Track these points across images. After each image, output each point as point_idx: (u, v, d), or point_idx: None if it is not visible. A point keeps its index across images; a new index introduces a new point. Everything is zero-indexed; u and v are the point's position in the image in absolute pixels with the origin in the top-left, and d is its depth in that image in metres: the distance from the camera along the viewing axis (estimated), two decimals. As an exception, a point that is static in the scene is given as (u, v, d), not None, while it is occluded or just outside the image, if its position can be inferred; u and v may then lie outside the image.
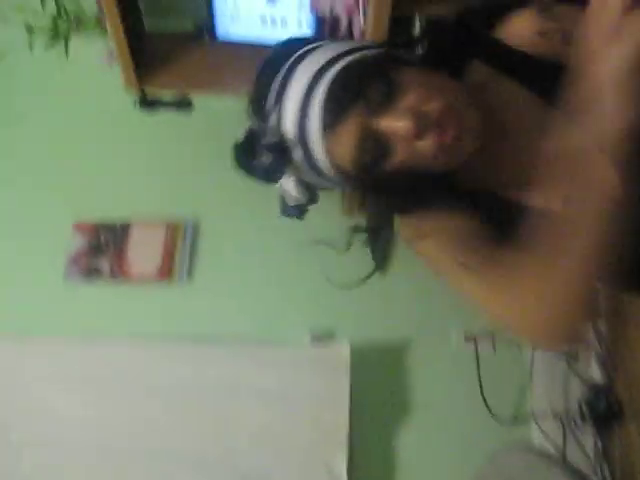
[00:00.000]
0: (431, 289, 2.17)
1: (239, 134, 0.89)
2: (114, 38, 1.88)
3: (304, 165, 0.87)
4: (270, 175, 0.87)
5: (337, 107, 0.82)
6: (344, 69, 0.82)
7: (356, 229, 1.44)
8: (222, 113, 2.38)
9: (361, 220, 2.10)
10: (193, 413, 2.16)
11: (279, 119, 0.85)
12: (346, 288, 2.26)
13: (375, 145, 0.83)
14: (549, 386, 2.31)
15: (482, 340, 2.31)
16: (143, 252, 2.40)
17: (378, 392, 2.23)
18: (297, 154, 0.85)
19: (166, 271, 2.37)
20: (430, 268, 0.96)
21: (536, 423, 2.25)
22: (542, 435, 2.23)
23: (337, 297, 2.30)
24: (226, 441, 2.13)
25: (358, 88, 0.82)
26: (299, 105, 0.83)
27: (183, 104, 2.03)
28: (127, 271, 2.36)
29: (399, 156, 0.83)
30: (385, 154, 0.83)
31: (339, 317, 2.32)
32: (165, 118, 2.09)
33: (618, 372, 2.18)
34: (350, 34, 1.75)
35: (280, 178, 0.88)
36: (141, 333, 2.26)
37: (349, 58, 0.84)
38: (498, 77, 0.95)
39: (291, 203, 0.92)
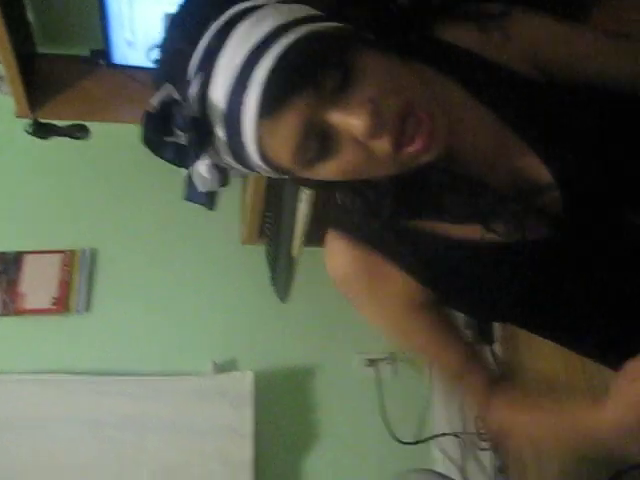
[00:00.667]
0: (332, 315, 2.20)
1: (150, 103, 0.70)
2: (3, 63, 1.83)
3: (226, 149, 0.72)
4: (183, 156, 0.70)
5: (280, 90, 0.66)
6: (295, 43, 0.66)
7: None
8: (120, 138, 2.36)
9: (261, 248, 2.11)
10: (93, 449, 2.09)
11: (204, 89, 0.68)
12: (247, 317, 2.30)
13: (319, 142, 0.68)
14: (449, 406, 2.37)
15: (383, 364, 2.35)
16: (37, 283, 2.30)
17: (283, 420, 2.23)
18: (220, 134, 0.70)
19: (62, 302, 2.29)
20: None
21: (437, 443, 2.32)
22: (443, 454, 2.30)
23: (239, 326, 2.31)
24: (128, 475, 2.08)
25: (309, 70, 0.66)
26: (234, 79, 0.66)
27: (78, 130, 1.98)
28: (21, 304, 2.27)
29: (346, 157, 0.70)
30: (330, 153, 0.70)
31: (241, 346, 2.31)
32: (60, 143, 2.03)
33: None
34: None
35: (194, 161, 0.71)
36: (37, 369, 2.18)
37: (303, 29, 0.67)
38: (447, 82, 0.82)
39: (201, 188, 0.74)
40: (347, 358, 2.34)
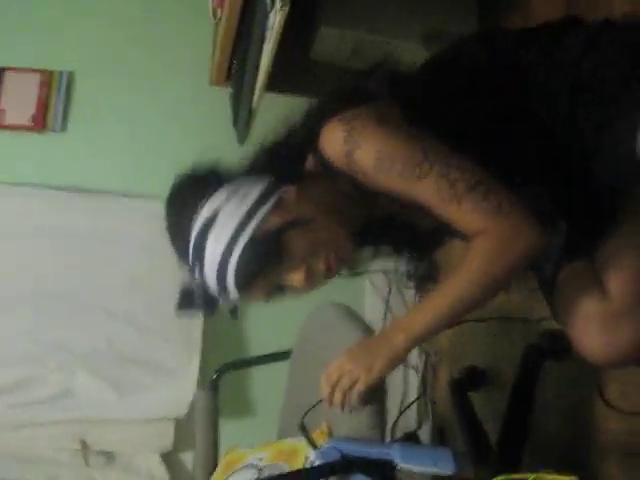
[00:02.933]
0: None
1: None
2: None
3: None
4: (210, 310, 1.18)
5: (246, 281, 1.07)
6: (243, 254, 1.05)
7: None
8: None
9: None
10: (65, 258, 2.33)
11: (202, 275, 1.09)
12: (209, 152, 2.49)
13: (279, 288, 1.12)
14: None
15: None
16: (17, 100, 2.44)
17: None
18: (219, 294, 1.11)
19: (40, 120, 2.45)
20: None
21: (369, 279, 2.63)
22: (373, 287, 2.62)
23: (202, 156, 2.50)
24: (97, 284, 2.33)
25: (258, 267, 1.07)
26: (216, 275, 1.07)
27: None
28: (0, 119, 2.42)
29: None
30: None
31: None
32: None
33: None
34: None
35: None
36: (14, 181, 2.37)
37: (245, 238, 1.06)
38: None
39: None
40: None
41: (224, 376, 1.90)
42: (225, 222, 1.07)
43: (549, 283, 1.27)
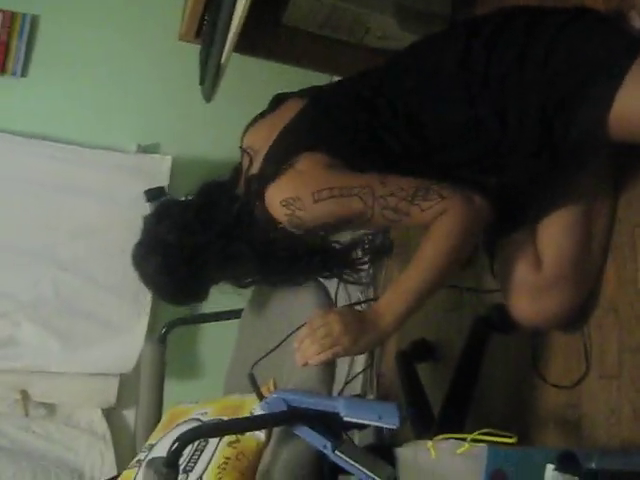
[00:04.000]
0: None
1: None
2: None
3: None
4: None
5: None
6: None
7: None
8: None
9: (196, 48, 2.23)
10: (20, 205, 2.28)
11: None
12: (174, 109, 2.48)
13: None
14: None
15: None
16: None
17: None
18: None
19: (0, 64, 2.38)
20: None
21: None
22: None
23: (166, 115, 2.48)
24: (48, 233, 2.29)
25: None
26: None
27: None
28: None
29: None
30: None
31: (165, 134, 2.49)
32: None
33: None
34: None
35: None
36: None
37: None
38: None
39: None
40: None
41: (173, 332, 1.89)
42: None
43: (491, 249, 1.45)
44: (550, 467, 1.00)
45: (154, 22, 2.48)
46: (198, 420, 1.45)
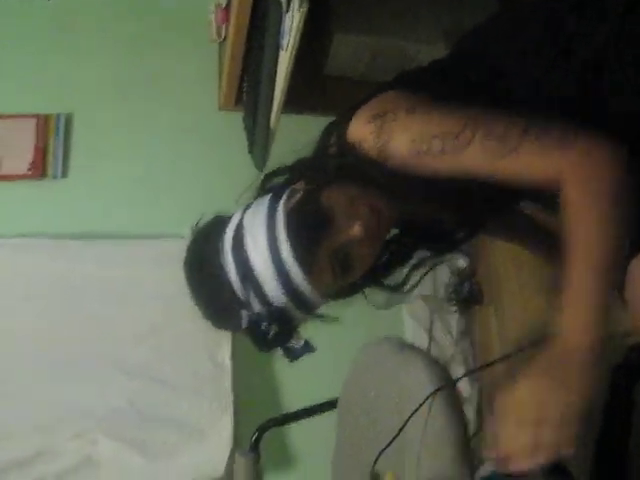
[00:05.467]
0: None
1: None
2: None
3: (294, 308, 0.98)
4: (284, 337, 0.99)
5: (306, 253, 0.95)
6: (289, 229, 0.95)
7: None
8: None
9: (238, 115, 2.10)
10: (75, 313, 2.14)
11: (259, 290, 0.95)
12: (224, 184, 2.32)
13: (344, 259, 0.98)
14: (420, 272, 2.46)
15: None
16: (13, 148, 2.29)
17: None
18: (292, 308, 0.97)
19: (39, 168, 2.29)
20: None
21: (407, 309, 2.42)
22: (412, 317, 2.41)
23: (217, 193, 2.30)
24: (110, 338, 2.14)
25: (309, 232, 0.95)
26: (273, 269, 0.94)
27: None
28: (-3, 169, 2.26)
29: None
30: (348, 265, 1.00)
31: (220, 209, 2.33)
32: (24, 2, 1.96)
33: (479, 261, 2.37)
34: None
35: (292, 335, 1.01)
36: (15, 234, 2.19)
37: (281, 217, 0.96)
38: None
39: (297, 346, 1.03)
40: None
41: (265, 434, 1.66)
42: (253, 222, 0.97)
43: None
44: None
45: (191, 96, 2.38)
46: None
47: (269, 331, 0.95)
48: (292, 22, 1.40)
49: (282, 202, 0.98)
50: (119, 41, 2.41)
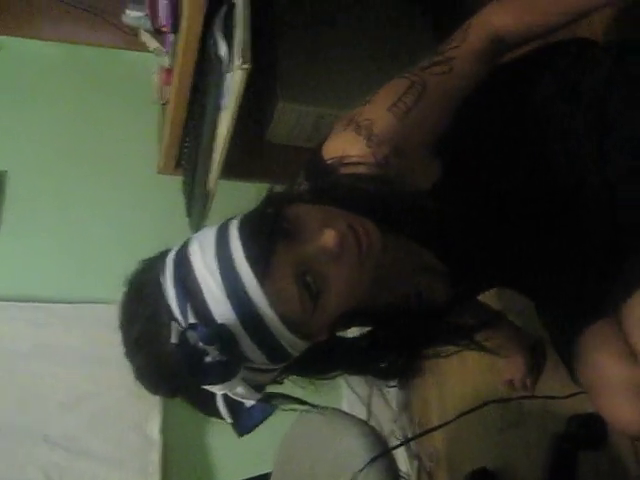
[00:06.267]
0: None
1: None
2: None
3: (251, 345, 0.77)
4: (227, 370, 0.76)
5: (262, 260, 0.75)
6: (242, 234, 0.77)
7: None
8: (33, 55, 2.27)
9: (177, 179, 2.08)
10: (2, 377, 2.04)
11: (203, 307, 0.76)
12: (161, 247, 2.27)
13: (309, 284, 0.78)
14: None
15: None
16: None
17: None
18: (243, 338, 0.76)
19: (-33, 226, 2.21)
20: None
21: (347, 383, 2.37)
22: (351, 390, 2.35)
23: (152, 252, 2.27)
24: (34, 408, 2.03)
25: (266, 238, 0.77)
26: (223, 282, 0.75)
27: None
28: None
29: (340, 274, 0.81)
30: (322, 287, 0.79)
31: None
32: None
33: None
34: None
35: (238, 368, 0.76)
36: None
37: (235, 224, 0.79)
38: None
39: (249, 402, 0.81)
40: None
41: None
42: (203, 231, 0.83)
43: (568, 345, 1.15)
44: None
45: (130, 159, 2.35)
46: None
47: (206, 352, 0.73)
48: (232, 80, 1.40)
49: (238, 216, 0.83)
50: (60, 100, 2.38)
